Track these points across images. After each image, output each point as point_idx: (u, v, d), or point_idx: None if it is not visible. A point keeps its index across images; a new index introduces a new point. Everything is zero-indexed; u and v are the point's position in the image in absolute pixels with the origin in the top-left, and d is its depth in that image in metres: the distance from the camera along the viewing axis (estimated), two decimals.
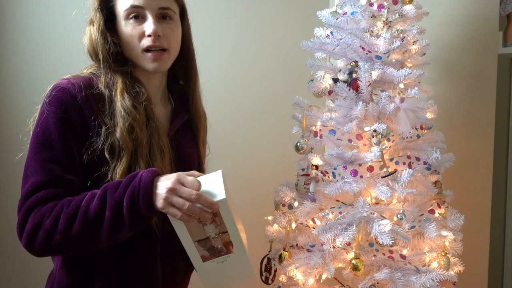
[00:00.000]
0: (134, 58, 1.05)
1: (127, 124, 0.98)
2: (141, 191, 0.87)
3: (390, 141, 1.33)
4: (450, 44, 1.83)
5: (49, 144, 0.94)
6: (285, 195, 1.42)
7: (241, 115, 2.04)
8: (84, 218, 0.88)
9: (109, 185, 0.91)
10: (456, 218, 1.39)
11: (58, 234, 0.89)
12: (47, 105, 0.96)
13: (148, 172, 0.89)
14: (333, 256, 1.33)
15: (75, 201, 0.90)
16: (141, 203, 0.88)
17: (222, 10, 2.00)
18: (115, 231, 0.89)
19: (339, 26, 1.43)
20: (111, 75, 1.02)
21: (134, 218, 0.89)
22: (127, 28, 1.02)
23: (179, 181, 0.87)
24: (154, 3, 1.01)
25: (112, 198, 0.88)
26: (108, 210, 0.88)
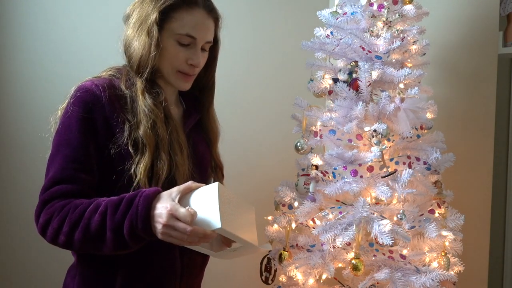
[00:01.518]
0: (166, 72, 1.11)
1: (150, 121, 1.03)
2: (139, 220, 0.91)
3: (390, 141, 1.33)
4: (450, 44, 1.83)
5: (69, 142, 1.00)
6: (285, 195, 1.42)
7: (241, 115, 2.04)
8: (86, 230, 0.93)
9: (110, 203, 0.94)
10: (456, 218, 1.39)
11: (62, 235, 0.95)
12: (71, 105, 1.01)
13: (144, 201, 0.92)
14: (333, 256, 1.33)
15: (80, 209, 0.95)
16: (140, 231, 0.92)
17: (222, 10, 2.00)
18: (119, 249, 0.95)
19: (339, 26, 1.43)
20: (131, 78, 1.08)
21: (135, 240, 0.94)
22: (173, 48, 1.07)
23: (172, 215, 0.89)
24: (204, 37, 1.10)
25: (112, 221, 0.92)
26: (108, 231, 0.92)
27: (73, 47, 1.86)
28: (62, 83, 1.86)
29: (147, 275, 1.06)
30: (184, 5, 1.06)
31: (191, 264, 1.15)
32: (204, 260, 1.21)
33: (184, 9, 1.06)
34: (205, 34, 1.10)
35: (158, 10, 1.05)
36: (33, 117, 1.83)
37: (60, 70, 1.84)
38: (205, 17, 1.09)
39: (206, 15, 1.10)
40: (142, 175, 1.01)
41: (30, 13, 1.83)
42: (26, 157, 1.81)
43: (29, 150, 1.81)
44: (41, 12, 1.84)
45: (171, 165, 1.06)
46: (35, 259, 1.82)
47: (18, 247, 1.83)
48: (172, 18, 1.06)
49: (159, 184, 1.03)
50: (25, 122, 1.83)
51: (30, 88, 1.84)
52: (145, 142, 1.02)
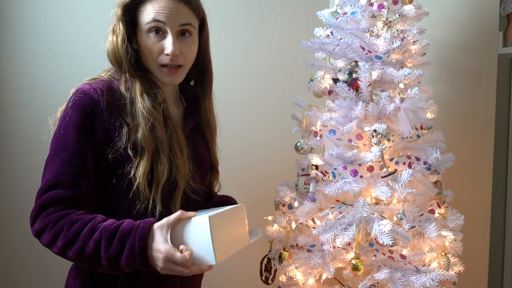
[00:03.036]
0: (151, 69, 1.10)
1: (149, 124, 1.03)
2: (137, 261, 0.94)
3: (390, 141, 1.33)
4: (450, 44, 1.83)
5: (67, 147, 1.00)
6: (285, 195, 1.42)
7: (241, 115, 2.04)
8: (80, 252, 0.95)
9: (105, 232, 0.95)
10: (456, 218, 1.39)
11: (56, 248, 0.96)
12: (70, 108, 1.01)
13: (139, 241, 0.94)
14: (333, 256, 1.33)
15: (75, 228, 0.95)
16: (138, 266, 0.96)
17: (222, 10, 2.00)
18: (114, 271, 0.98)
19: (339, 26, 1.43)
20: (130, 79, 1.08)
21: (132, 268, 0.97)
22: (148, 41, 1.06)
23: (169, 260, 0.92)
24: (175, 20, 1.05)
25: (107, 253, 0.94)
26: (103, 260, 0.95)
27: (73, 47, 1.86)
28: (62, 83, 1.86)
29: (148, 275, 1.05)
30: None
31: None
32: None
33: (148, 1, 1.06)
34: (175, 18, 1.05)
35: (121, 6, 1.07)
36: (33, 117, 1.82)
37: (60, 70, 1.84)
38: (170, 1, 1.05)
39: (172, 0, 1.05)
40: (142, 179, 1.01)
41: (30, 13, 1.83)
42: (25, 157, 1.81)
43: (28, 150, 1.81)
44: (41, 12, 1.84)
45: (172, 167, 1.06)
46: (36, 259, 1.82)
47: (19, 247, 1.82)
48: (140, 12, 1.06)
49: (159, 187, 1.03)
50: (25, 122, 1.83)
51: (29, 88, 1.84)
52: (144, 145, 1.02)
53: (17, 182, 1.82)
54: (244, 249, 1.09)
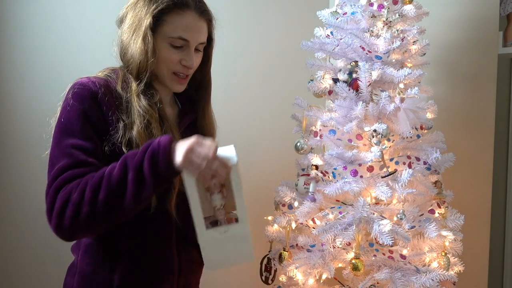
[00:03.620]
0: (160, 75, 1.12)
1: (144, 121, 1.04)
2: (160, 151, 0.92)
3: (390, 141, 1.33)
4: (450, 44, 1.83)
5: (72, 133, 0.99)
6: (285, 195, 1.42)
7: (241, 115, 2.04)
8: (108, 185, 0.92)
9: (128, 154, 0.96)
10: (456, 218, 1.39)
11: (85, 205, 0.92)
12: (70, 99, 1.01)
13: (165, 137, 0.94)
14: (333, 256, 1.33)
15: (99, 173, 0.94)
16: (161, 163, 0.92)
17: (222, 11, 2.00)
18: (139, 192, 0.93)
19: (339, 26, 1.43)
20: (127, 80, 1.08)
21: (155, 178, 0.93)
22: (167, 51, 1.08)
23: (197, 142, 0.92)
24: (197, 38, 1.10)
25: (132, 162, 0.93)
26: (130, 171, 0.92)
27: (72, 47, 1.86)
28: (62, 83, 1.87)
29: (145, 272, 1.07)
30: (176, 8, 1.07)
31: (189, 260, 1.15)
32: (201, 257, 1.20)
33: (175, 12, 1.07)
34: (198, 36, 1.10)
35: (151, 15, 1.05)
36: (33, 117, 1.83)
37: (59, 70, 1.84)
38: (196, 19, 1.09)
39: (198, 17, 1.10)
40: None
41: (30, 13, 1.83)
42: (24, 157, 1.81)
43: (28, 150, 1.81)
44: (41, 12, 1.84)
45: None
46: (35, 259, 1.83)
47: (18, 247, 1.83)
48: (164, 21, 1.07)
49: None
50: (25, 122, 1.83)
51: (29, 88, 1.84)
52: (138, 142, 1.02)
53: (16, 182, 1.82)
54: None
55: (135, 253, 1.06)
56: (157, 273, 1.09)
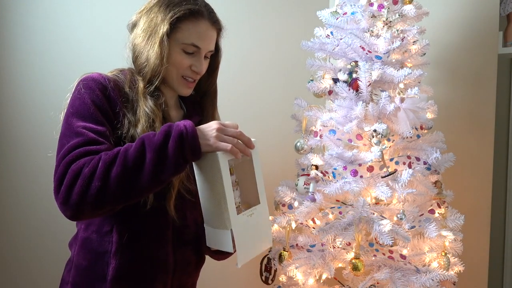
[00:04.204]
0: (169, 78, 1.14)
1: (149, 121, 1.06)
2: (189, 134, 0.93)
3: (390, 141, 1.34)
4: (450, 44, 1.83)
5: (83, 116, 1.00)
6: (285, 195, 1.42)
7: (241, 115, 2.03)
8: (124, 163, 0.91)
9: (144, 135, 0.95)
10: (456, 218, 1.39)
11: (96, 180, 0.90)
12: (81, 89, 1.03)
13: (187, 121, 0.96)
14: (333, 256, 1.33)
15: (113, 151, 0.94)
16: (188, 145, 0.93)
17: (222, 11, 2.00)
18: (158, 172, 0.92)
19: (339, 26, 1.43)
20: (135, 81, 1.11)
21: (178, 160, 0.93)
22: (179, 56, 1.12)
23: (221, 123, 0.98)
24: (208, 46, 1.15)
25: (152, 142, 0.92)
26: (149, 152, 0.91)
27: (73, 47, 1.86)
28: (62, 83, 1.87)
29: (139, 269, 1.08)
30: (191, 16, 1.10)
31: (184, 261, 1.16)
32: (198, 259, 1.21)
33: (190, 20, 1.10)
34: (208, 44, 1.14)
35: (169, 22, 1.08)
36: (33, 117, 1.83)
37: (60, 70, 1.84)
38: (209, 28, 1.14)
39: (211, 26, 1.14)
40: None
41: (30, 13, 1.83)
42: (24, 157, 1.81)
43: (28, 150, 1.81)
44: (41, 12, 1.84)
45: None
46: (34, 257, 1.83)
47: (19, 245, 1.83)
48: (178, 28, 1.10)
49: None
50: (25, 122, 1.83)
51: (29, 88, 1.84)
52: None
53: (16, 182, 1.82)
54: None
55: (130, 250, 1.07)
56: (151, 271, 1.09)
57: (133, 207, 1.03)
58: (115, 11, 1.87)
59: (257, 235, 1.06)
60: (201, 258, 1.23)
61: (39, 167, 1.78)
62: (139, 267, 1.08)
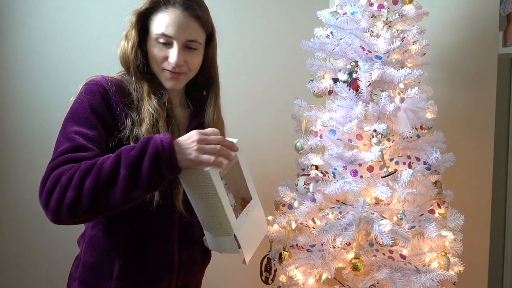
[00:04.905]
0: (156, 73, 1.15)
1: (153, 120, 1.07)
2: (165, 150, 0.91)
3: (390, 141, 1.33)
4: (450, 44, 1.83)
5: (77, 121, 1.02)
6: (285, 195, 1.42)
7: (241, 115, 2.04)
8: (98, 175, 0.91)
9: (123, 148, 0.95)
10: (456, 218, 1.39)
11: (70, 190, 0.90)
12: (82, 93, 1.06)
13: (165, 135, 0.94)
14: (333, 256, 1.33)
15: (93, 161, 0.95)
16: (164, 163, 0.91)
17: (222, 11, 2.00)
18: (131, 190, 0.91)
19: (339, 26, 1.43)
20: (138, 81, 1.13)
21: (152, 178, 0.92)
22: (155, 48, 1.11)
23: (201, 133, 0.95)
24: (182, 34, 1.10)
25: (127, 158, 0.91)
26: (123, 168, 0.91)
27: (73, 47, 1.86)
28: (62, 83, 1.87)
29: (144, 267, 1.09)
30: (160, 6, 1.10)
31: (190, 260, 1.17)
32: (204, 258, 1.23)
33: (160, 11, 1.10)
34: (182, 33, 1.10)
35: (136, 14, 1.11)
36: (33, 117, 1.83)
37: (60, 71, 1.84)
38: (180, 16, 1.10)
39: (182, 13, 1.10)
40: None
41: (30, 13, 1.83)
42: (24, 158, 1.81)
43: (28, 150, 1.81)
44: (41, 12, 1.84)
45: None
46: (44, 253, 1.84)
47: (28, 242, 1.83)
48: (152, 21, 1.11)
49: None
50: (25, 122, 1.83)
51: (29, 88, 1.84)
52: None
53: (15, 182, 1.82)
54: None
55: (136, 248, 1.08)
56: (157, 269, 1.10)
57: (140, 206, 1.03)
58: (117, 11, 1.87)
59: (255, 228, 1.10)
60: (207, 257, 1.24)
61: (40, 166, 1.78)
62: (145, 266, 1.09)
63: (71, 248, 1.27)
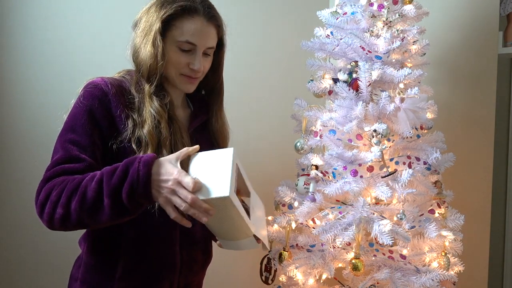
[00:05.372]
0: (170, 76, 1.15)
1: (155, 121, 1.08)
2: (140, 185, 0.91)
3: (390, 141, 1.33)
4: (450, 44, 1.83)
5: (73, 129, 1.04)
6: (285, 195, 1.42)
7: (241, 115, 2.04)
8: (82, 199, 0.93)
9: (106, 170, 0.96)
10: (456, 218, 1.39)
11: (60, 207, 0.95)
12: (80, 97, 1.06)
13: (144, 167, 0.92)
14: (333, 256, 1.33)
15: (78, 179, 0.96)
16: (139, 196, 0.92)
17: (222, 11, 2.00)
18: (118, 215, 0.95)
19: (339, 26, 1.43)
20: (140, 82, 1.12)
21: (134, 205, 0.94)
22: (175, 54, 1.12)
23: (177, 181, 0.90)
24: (205, 43, 1.14)
25: (108, 186, 0.93)
26: (106, 196, 0.93)
27: (73, 47, 1.86)
28: (62, 83, 1.87)
29: (146, 267, 1.09)
30: (185, 13, 1.11)
31: (191, 260, 1.17)
32: (206, 258, 1.23)
33: (184, 18, 1.11)
34: (205, 41, 1.14)
35: (160, 20, 1.09)
36: (33, 117, 1.83)
37: (60, 71, 1.84)
38: (204, 25, 1.13)
39: (206, 22, 1.13)
40: None
41: (30, 13, 1.83)
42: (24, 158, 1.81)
43: (28, 150, 1.81)
44: (40, 12, 1.84)
45: None
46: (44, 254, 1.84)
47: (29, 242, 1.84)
48: (173, 26, 1.11)
49: None
50: (25, 122, 1.83)
51: (28, 88, 1.84)
52: (148, 140, 1.06)
53: (15, 182, 1.82)
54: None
55: (138, 249, 1.09)
56: (159, 270, 1.11)
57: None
58: (117, 11, 1.87)
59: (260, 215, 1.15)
60: (208, 257, 1.25)
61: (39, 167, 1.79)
62: (147, 266, 1.09)
63: (72, 249, 1.28)
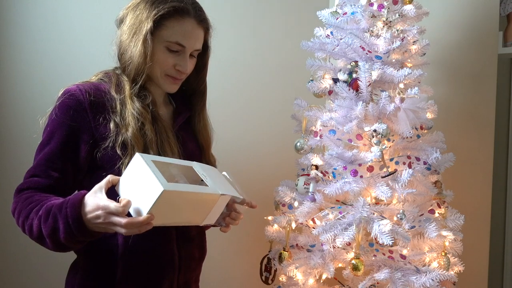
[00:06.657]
0: (154, 76, 1.14)
1: (138, 124, 1.06)
2: (74, 230, 0.92)
3: (390, 141, 1.33)
4: (450, 44, 1.83)
5: (48, 143, 1.05)
6: (285, 195, 1.42)
7: (241, 115, 2.04)
8: (30, 229, 0.97)
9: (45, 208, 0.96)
10: (456, 218, 1.39)
11: (22, 227, 1.00)
12: (56, 108, 1.06)
13: (72, 210, 0.91)
14: (333, 256, 1.33)
15: (31, 206, 0.98)
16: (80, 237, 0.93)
17: (222, 11, 2.00)
18: (61, 249, 0.97)
19: (339, 26, 1.43)
20: (121, 82, 1.11)
21: (78, 244, 0.97)
22: (163, 54, 1.11)
23: (106, 212, 0.88)
24: (193, 45, 1.13)
25: (45, 229, 0.94)
26: (47, 237, 0.95)
27: (70, 47, 1.86)
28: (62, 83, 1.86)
29: (145, 268, 1.08)
30: (176, 14, 1.09)
31: (188, 257, 1.17)
32: (201, 254, 1.23)
33: (175, 18, 1.09)
34: (194, 43, 1.13)
35: (152, 20, 1.07)
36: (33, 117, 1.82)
37: (58, 70, 1.84)
38: (195, 27, 1.12)
39: (196, 25, 1.12)
40: None
41: (29, 13, 1.83)
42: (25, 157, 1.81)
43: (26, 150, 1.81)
44: (39, 12, 1.84)
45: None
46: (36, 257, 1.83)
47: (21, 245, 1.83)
48: (163, 26, 1.09)
49: None
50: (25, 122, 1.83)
51: (27, 88, 1.84)
52: (133, 143, 1.04)
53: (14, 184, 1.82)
54: (244, 249, 1.09)
55: (136, 251, 1.07)
56: (158, 270, 1.10)
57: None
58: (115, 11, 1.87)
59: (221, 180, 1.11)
60: (204, 252, 1.25)
61: None
62: (146, 267, 1.09)
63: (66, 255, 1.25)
